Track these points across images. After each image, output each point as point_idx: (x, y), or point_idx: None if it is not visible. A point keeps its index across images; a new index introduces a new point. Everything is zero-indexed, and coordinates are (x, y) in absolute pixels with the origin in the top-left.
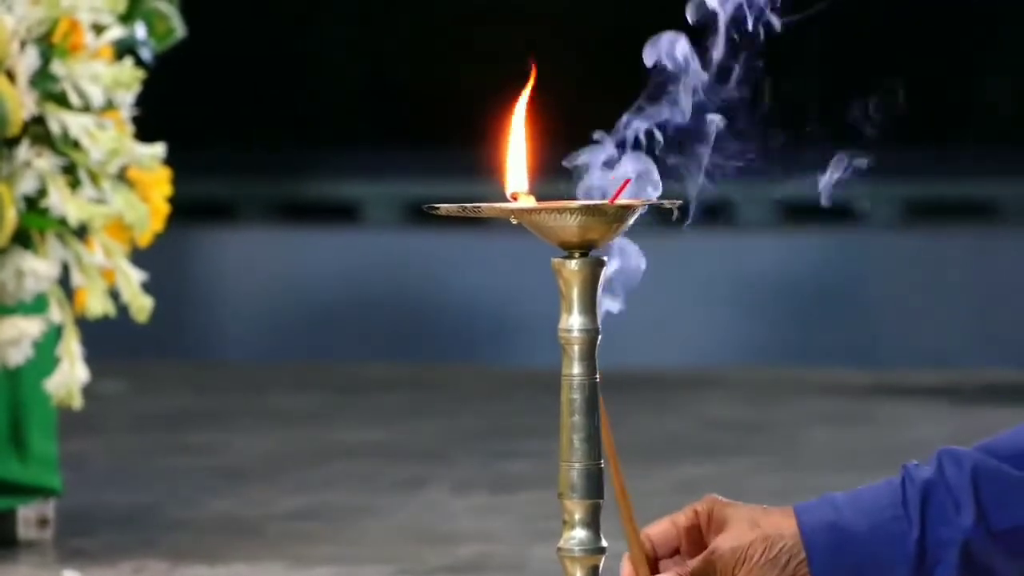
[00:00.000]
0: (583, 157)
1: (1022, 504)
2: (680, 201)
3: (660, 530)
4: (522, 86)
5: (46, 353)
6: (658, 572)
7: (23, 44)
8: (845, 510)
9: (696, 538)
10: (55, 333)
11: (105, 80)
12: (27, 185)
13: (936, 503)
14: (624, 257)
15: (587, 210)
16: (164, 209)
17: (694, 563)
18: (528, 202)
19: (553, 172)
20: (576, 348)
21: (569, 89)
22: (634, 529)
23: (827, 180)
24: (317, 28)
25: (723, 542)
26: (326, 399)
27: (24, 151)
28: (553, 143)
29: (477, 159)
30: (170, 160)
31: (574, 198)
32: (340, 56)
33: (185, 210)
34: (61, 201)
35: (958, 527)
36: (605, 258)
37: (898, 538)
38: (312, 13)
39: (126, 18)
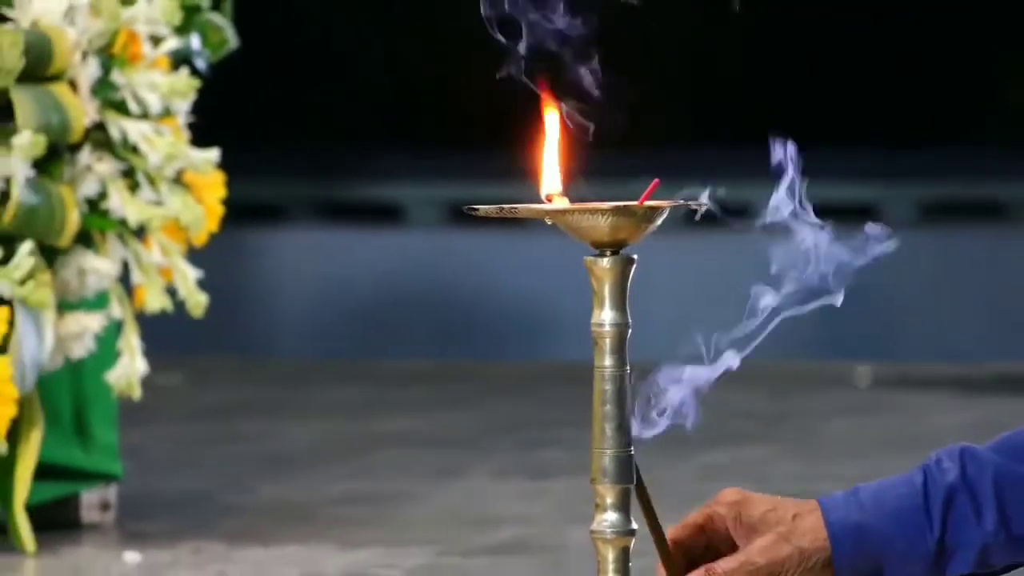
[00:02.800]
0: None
1: None
2: (706, 202)
3: (684, 534)
4: (553, 95)
5: (107, 347)
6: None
7: (85, 55)
8: (870, 512)
9: (719, 531)
10: (116, 328)
11: (162, 89)
12: (89, 188)
13: (959, 507)
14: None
15: (617, 211)
16: (218, 210)
17: (726, 567)
18: (562, 203)
19: (585, 175)
20: (608, 341)
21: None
22: (660, 537)
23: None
24: (357, 33)
25: (758, 556)
26: (370, 392)
27: (86, 156)
28: (585, 147)
29: (513, 162)
30: (224, 164)
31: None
32: (381, 62)
33: (238, 211)
34: (121, 203)
35: (980, 531)
36: (635, 256)
37: (919, 539)
38: (355, 16)
39: (182, 30)
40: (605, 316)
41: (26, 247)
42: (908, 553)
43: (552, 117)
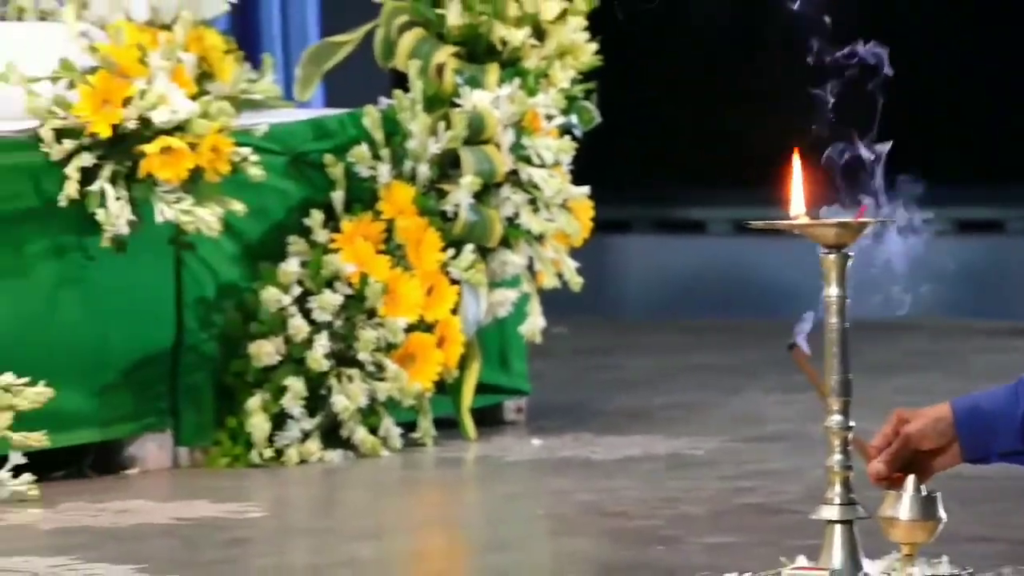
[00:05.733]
0: None
1: None
2: (895, 220)
3: (881, 443)
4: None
5: (520, 309)
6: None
7: (505, 127)
8: (981, 397)
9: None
10: (525, 298)
11: (553, 148)
12: (508, 210)
13: None
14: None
15: (840, 225)
16: (588, 225)
17: (894, 445)
18: (805, 220)
19: (817, 201)
20: (834, 307)
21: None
22: (861, 442)
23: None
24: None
25: (910, 428)
26: (682, 339)
27: (506, 190)
28: (817, 179)
29: (777, 193)
30: (592, 195)
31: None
32: (691, 114)
33: (600, 225)
34: (528, 220)
35: None
36: (851, 253)
37: (1010, 410)
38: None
39: (565, 111)
40: (832, 291)
41: (469, 247)
42: (1003, 420)
43: (797, 162)
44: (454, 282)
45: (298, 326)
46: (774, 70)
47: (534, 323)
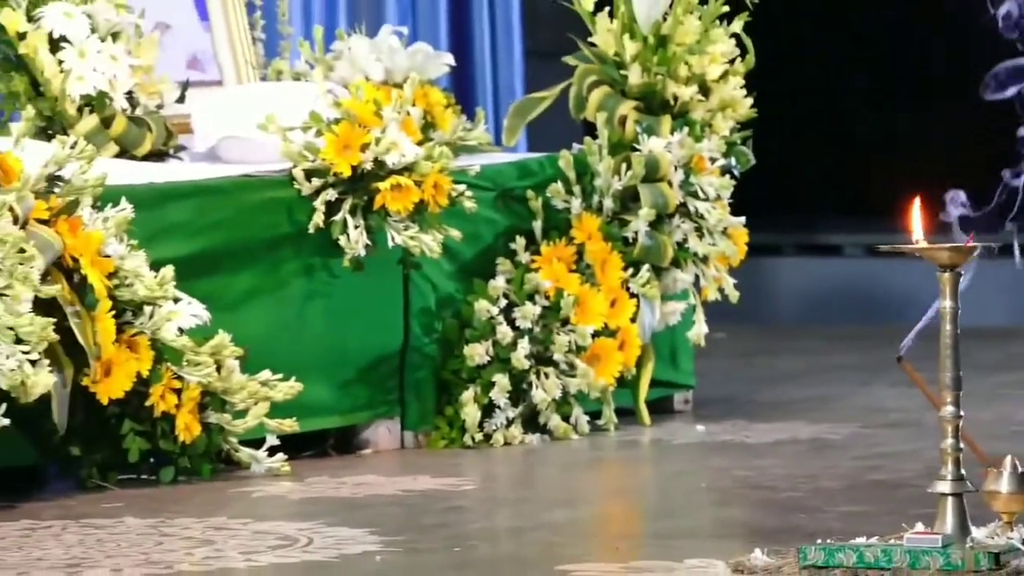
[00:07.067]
0: None
1: None
2: (998, 244)
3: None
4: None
5: (687, 318)
6: None
7: (676, 168)
8: None
9: None
10: (692, 309)
11: (716, 185)
12: (677, 236)
13: None
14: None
15: (953, 248)
16: (744, 249)
17: None
18: (924, 244)
19: (932, 229)
20: (948, 316)
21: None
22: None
23: None
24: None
25: None
26: (824, 344)
27: (677, 220)
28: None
29: (903, 222)
30: (747, 224)
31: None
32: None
33: (754, 249)
34: (695, 244)
35: None
36: (962, 272)
37: None
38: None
39: (725, 154)
40: (946, 303)
41: (645, 267)
42: None
43: (917, 201)
44: (633, 296)
45: (504, 332)
46: (897, 124)
47: (699, 329)
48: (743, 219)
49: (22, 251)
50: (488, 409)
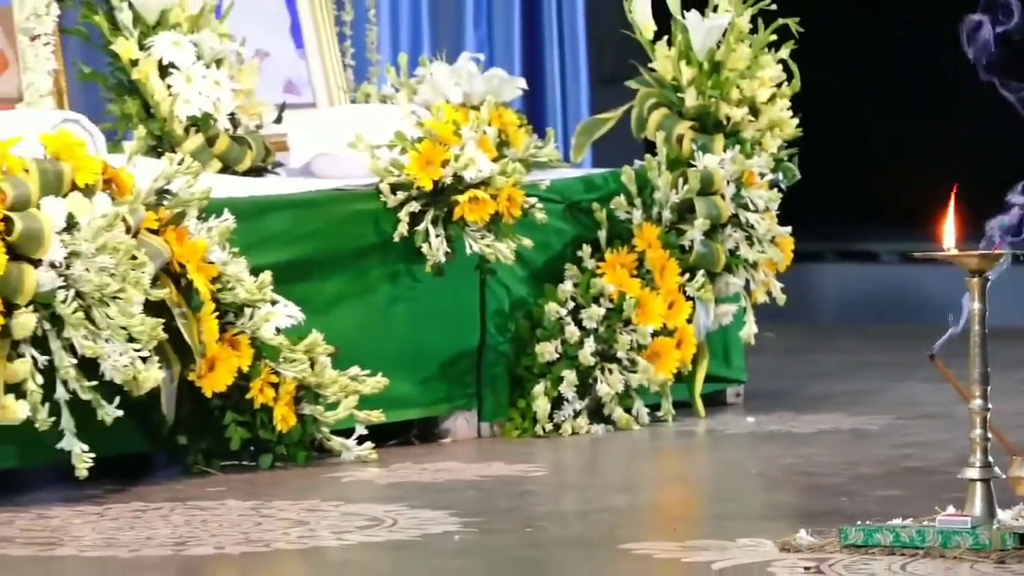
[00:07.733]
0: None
1: None
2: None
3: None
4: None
5: (739, 319)
6: None
7: (728, 182)
8: None
9: None
10: (743, 310)
11: (764, 198)
12: (730, 244)
13: None
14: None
15: (981, 255)
16: (790, 256)
17: None
18: (955, 251)
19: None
20: (976, 317)
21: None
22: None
23: None
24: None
25: None
26: (863, 342)
27: (729, 229)
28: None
29: (935, 231)
30: (793, 233)
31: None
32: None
33: (799, 255)
34: (745, 252)
35: None
36: (990, 276)
37: None
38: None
39: (773, 170)
40: (975, 305)
41: (700, 272)
42: None
43: (951, 208)
44: (689, 299)
45: (572, 331)
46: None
47: (749, 329)
48: (789, 228)
49: (134, 258)
50: (557, 402)
